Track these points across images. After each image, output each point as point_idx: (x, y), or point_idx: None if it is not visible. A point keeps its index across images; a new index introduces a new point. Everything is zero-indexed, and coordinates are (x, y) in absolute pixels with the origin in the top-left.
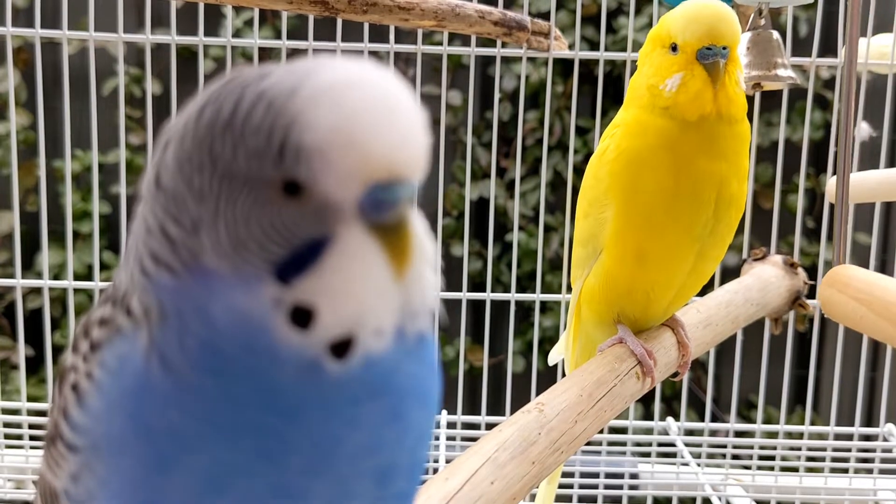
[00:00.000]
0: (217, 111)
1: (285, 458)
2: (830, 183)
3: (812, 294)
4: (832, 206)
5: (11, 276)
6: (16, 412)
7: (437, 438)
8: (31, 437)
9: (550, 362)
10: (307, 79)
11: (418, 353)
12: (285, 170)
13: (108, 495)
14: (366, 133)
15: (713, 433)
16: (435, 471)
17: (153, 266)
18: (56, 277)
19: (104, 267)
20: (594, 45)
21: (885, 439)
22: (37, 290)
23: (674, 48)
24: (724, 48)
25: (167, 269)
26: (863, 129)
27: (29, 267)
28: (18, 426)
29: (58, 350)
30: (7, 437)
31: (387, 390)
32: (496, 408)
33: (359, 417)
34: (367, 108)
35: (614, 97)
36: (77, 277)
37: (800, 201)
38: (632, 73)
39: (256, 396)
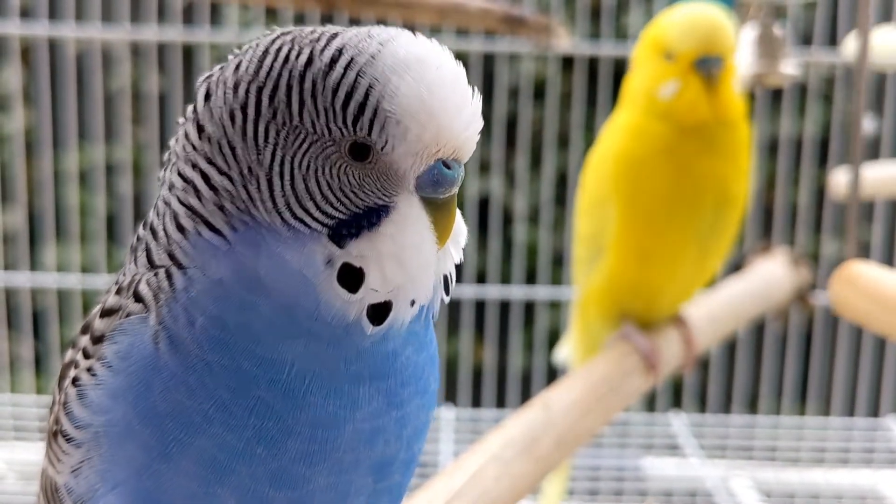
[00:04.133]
0: (284, 62)
1: (286, 439)
2: (834, 177)
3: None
4: (834, 202)
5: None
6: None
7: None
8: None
9: (555, 359)
10: (387, 47)
11: (419, 341)
12: (359, 131)
13: (108, 487)
14: (445, 111)
15: (716, 427)
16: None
17: (191, 222)
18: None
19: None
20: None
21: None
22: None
23: (669, 56)
24: (720, 58)
25: (205, 223)
26: (866, 124)
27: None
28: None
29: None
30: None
31: (388, 372)
32: (500, 403)
33: (359, 398)
34: (447, 88)
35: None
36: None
37: (803, 196)
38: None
39: (270, 366)
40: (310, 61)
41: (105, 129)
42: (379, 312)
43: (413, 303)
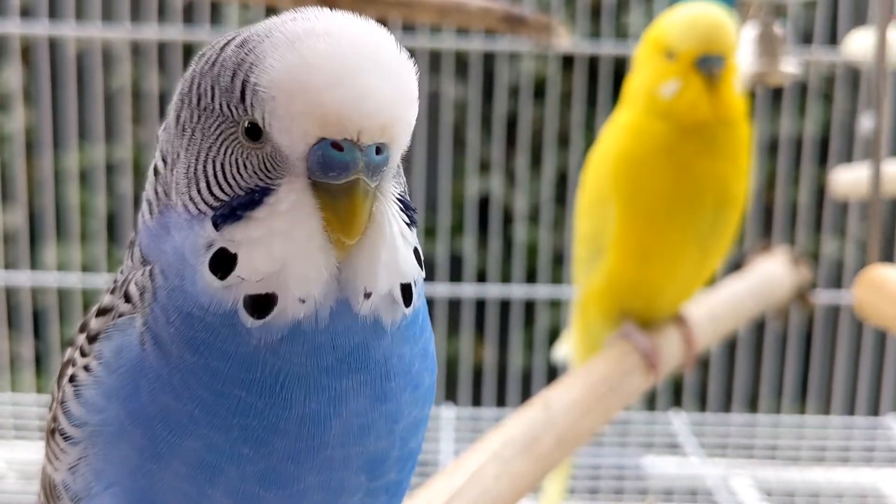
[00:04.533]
0: (207, 51)
1: (272, 437)
2: (835, 177)
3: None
4: (834, 201)
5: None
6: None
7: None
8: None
9: (554, 357)
10: (286, 24)
11: (402, 335)
12: (248, 110)
13: (103, 486)
14: (319, 82)
15: (717, 426)
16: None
17: (146, 208)
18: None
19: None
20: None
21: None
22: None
23: (670, 55)
24: (721, 57)
25: (149, 209)
26: (865, 122)
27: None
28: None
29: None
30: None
31: (364, 364)
32: (501, 402)
33: (342, 391)
34: (330, 59)
35: (617, 90)
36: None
37: (803, 195)
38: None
39: (239, 362)
40: (227, 44)
41: (105, 129)
42: (261, 305)
43: (305, 299)
